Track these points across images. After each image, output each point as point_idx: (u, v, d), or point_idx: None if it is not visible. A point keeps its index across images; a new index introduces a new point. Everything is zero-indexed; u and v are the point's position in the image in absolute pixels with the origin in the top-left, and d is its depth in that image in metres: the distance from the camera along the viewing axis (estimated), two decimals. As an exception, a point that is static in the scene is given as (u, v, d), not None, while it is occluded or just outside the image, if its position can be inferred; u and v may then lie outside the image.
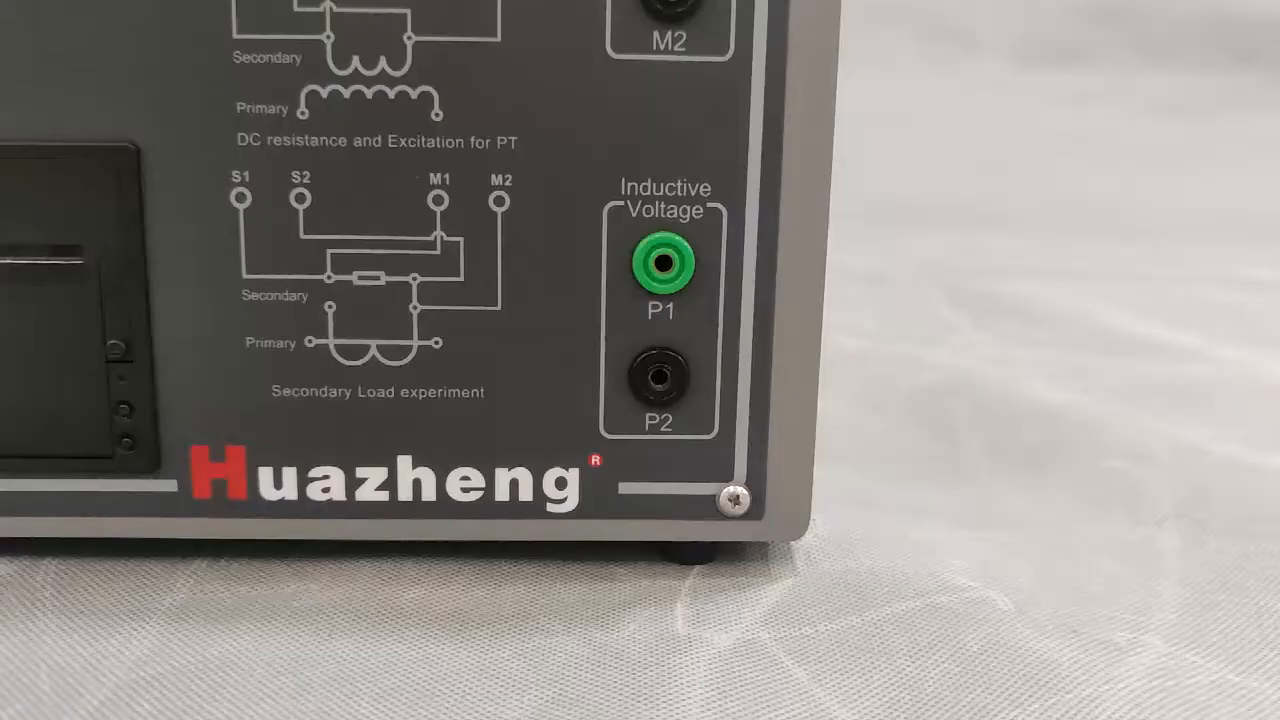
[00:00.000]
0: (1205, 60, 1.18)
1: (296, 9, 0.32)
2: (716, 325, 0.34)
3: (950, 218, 0.89)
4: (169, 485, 0.35)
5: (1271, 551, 0.39)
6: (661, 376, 0.34)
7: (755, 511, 0.35)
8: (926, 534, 0.39)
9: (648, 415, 0.35)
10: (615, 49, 0.32)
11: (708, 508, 0.35)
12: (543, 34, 0.32)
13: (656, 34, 0.32)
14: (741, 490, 0.35)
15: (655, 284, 0.34)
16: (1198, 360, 0.60)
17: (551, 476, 0.35)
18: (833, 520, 0.39)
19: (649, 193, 0.33)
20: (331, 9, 0.32)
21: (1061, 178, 0.99)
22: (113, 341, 0.33)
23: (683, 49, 0.32)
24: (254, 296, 0.33)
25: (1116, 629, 0.34)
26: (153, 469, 0.34)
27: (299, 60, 0.32)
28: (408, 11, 0.32)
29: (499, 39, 0.32)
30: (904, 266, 0.77)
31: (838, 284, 0.38)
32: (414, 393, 0.34)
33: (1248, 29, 1.20)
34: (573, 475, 0.35)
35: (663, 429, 0.35)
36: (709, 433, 0.35)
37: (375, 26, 0.32)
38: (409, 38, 0.32)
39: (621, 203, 0.33)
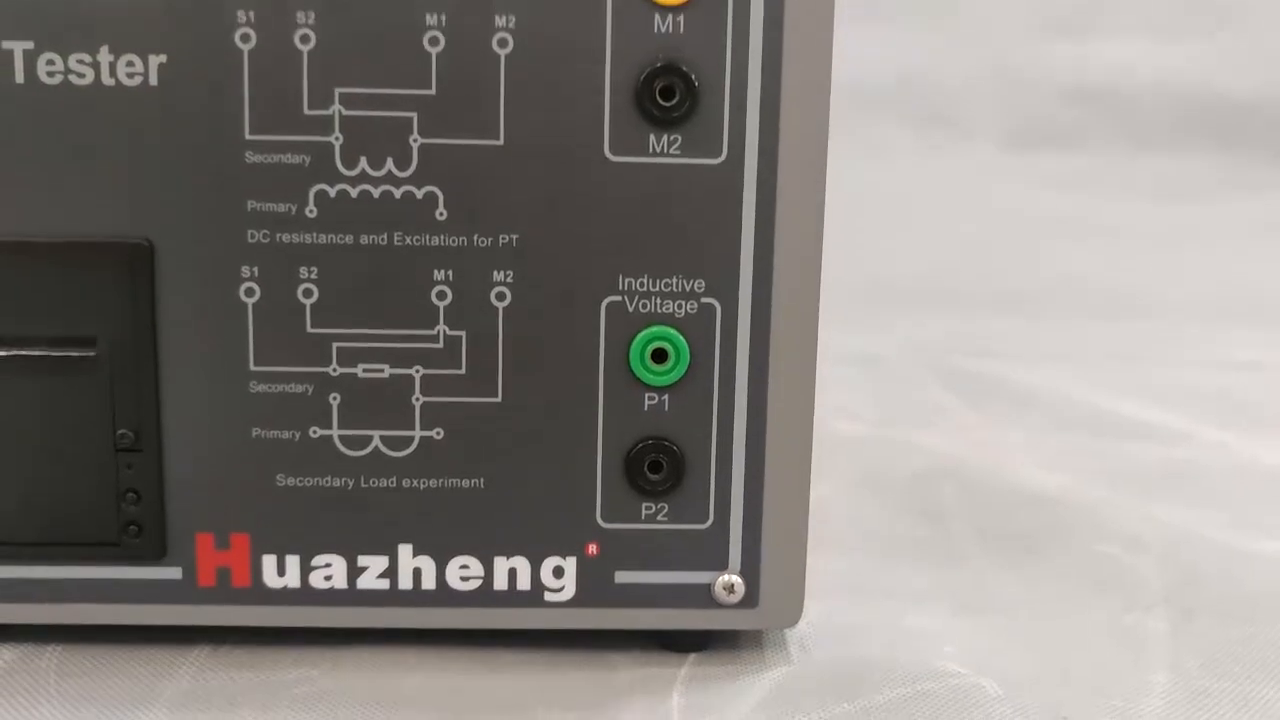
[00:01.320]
0: (1192, 143, 1.20)
1: (307, 112, 0.33)
2: (711, 416, 0.35)
3: (943, 300, 0.90)
4: (174, 572, 0.35)
5: (1261, 637, 0.39)
6: (657, 466, 0.35)
7: (749, 600, 0.36)
8: (918, 620, 0.39)
9: (644, 505, 0.35)
10: (613, 152, 0.34)
11: (703, 596, 0.36)
12: (543, 137, 0.33)
13: (653, 137, 0.33)
14: (736, 579, 0.36)
15: (651, 376, 0.35)
16: (1187, 443, 0.61)
17: (549, 565, 0.35)
18: (826, 607, 0.39)
19: (645, 288, 0.34)
20: (340, 112, 0.33)
21: (1052, 260, 1.00)
22: (122, 431, 0.34)
23: (678, 151, 0.34)
24: (261, 388, 0.34)
25: (1105, 716, 0.34)
26: (158, 556, 0.35)
27: (308, 161, 0.33)
28: (414, 115, 0.33)
29: (501, 142, 0.33)
30: (898, 349, 0.78)
31: (833, 367, 0.38)
32: (415, 483, 0.35)
33: (1234, 112, 1.22)
34: (570, 564, 0.35)
35: (658, 518, 0.35)
36: (704, 522, 0.35)
37: (382, 129, 0.33)
38: (415, 140, 0.33)
39: (619, 298, 0.34)
